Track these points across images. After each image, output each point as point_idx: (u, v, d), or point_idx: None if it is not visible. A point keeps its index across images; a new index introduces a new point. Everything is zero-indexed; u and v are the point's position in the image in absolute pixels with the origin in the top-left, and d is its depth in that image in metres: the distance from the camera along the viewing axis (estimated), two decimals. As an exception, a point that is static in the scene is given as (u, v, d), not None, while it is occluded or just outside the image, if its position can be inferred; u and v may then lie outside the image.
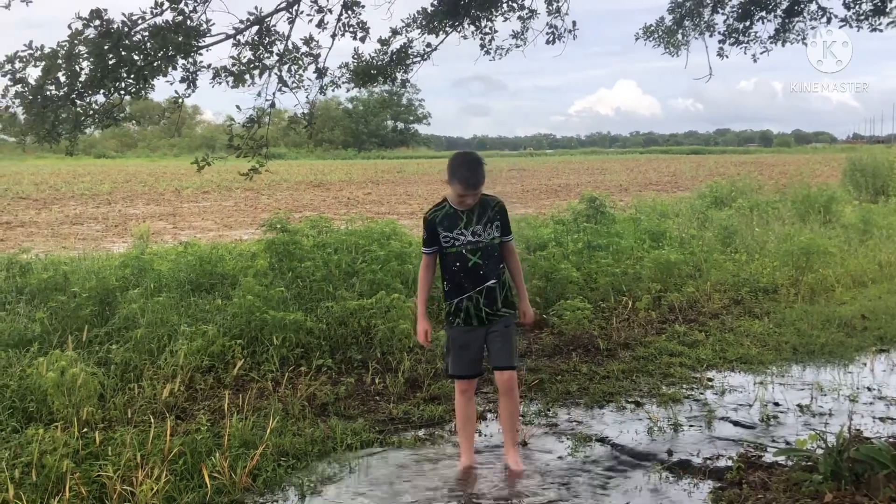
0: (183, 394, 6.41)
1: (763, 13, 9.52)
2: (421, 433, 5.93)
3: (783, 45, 9.41)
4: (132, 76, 7.54)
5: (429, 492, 4.96)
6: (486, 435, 5.86)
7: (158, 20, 7.23)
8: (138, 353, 6.93)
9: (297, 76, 8.65)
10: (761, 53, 9.57)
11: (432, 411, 6.27)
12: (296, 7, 8.08)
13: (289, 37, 8.14)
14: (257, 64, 8.14)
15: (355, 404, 6.49)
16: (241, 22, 7.73)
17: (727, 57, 9.66)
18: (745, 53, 9.70)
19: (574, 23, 9.79)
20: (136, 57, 7.44)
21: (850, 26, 8.97)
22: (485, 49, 9.80)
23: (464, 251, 5.09)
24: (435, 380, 6.94)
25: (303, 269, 8.75)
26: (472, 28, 9.43)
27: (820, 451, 4.76)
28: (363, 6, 8.36)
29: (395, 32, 9.04)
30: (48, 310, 7.67)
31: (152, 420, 5.51)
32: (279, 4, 7.96)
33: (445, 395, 6.47)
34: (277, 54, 8.27)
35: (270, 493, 4.91)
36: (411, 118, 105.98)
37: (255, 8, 7.77)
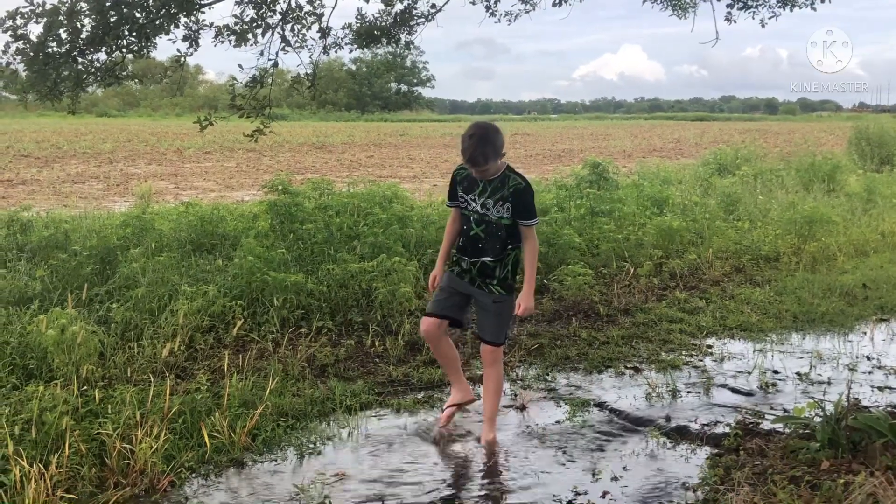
0: (183, 353, 6.42)
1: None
2: (420, 396, 5.94)
3: (791, 10, 9.30)
4: (134, 34, 7.49)
5: (425, 454, 4.99)
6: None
7: (160, -23, 7.16)
8: (139, 312, 6.92)
9: (300, 36, 8.59)
10: (769, 18, 9.47)
11: (432, 374, 6.28)
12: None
13: (292, -5, 8.07)
14: (260, 23, 8.08)
15: (355, 366, 6.50)
16: (244, -20, 7.64)
17: (735, 21, 9.56)
18: (754, 18, 9.60)
19: (581, -15, 9.66)
20: (137, 14, 7.38)
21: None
22: (490, 11, 9.70)
23: (471, 218, 5.02)
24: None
25: (304, 231, 8.73)
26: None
27: (818, 420, 4.77)
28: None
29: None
30: (49, 268, 7.67)
31: (152, 379, 5.52)
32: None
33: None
34: (280, 13, 8.21)
35: (269, 453, 4.93)
36: (415, 81, 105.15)
37: (258, -34, 7.68)
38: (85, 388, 5.32)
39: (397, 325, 7.33)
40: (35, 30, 7.05)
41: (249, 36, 7.99)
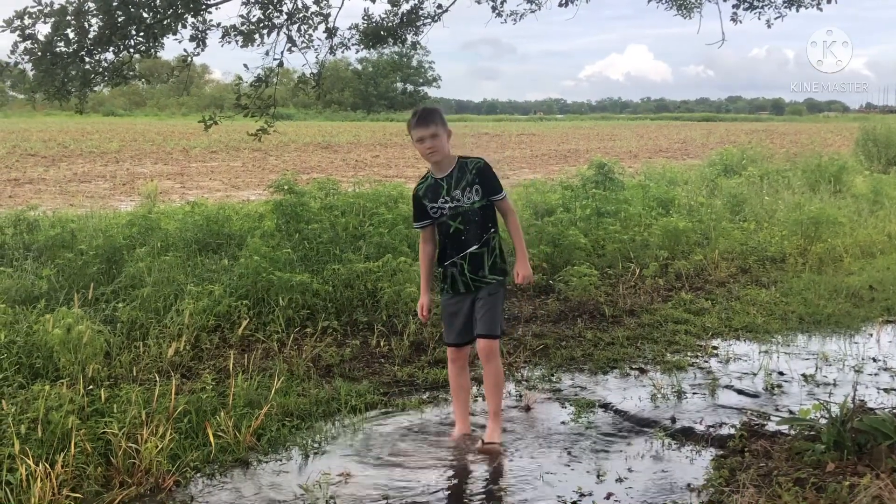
0: (188, 353, 6.43)
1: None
2: (425, 396, 5.95)
3: (797, 10, 9.29)
4: (141, 34, 7.50)
5: (430, 455, 4.99)
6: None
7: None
8: (144, 311, 6.95)
9: (307, 36, 8.61)
10: (775, 19, 9.47)
11: (436, 374, 6.29)
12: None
13: (298, -5, 8.08)
14: (266, 23, 8.09)
15: (360, 366, 6.51)
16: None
17: (741, 22, 9.56)
18: (759, 19, 9.60)
19: (587, -15, 9.66)
20: (145, 14, 7.41)
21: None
22: (496, 11, 9.70)
23: (446, 219, 5.01)
24: (440, 343, 6.94)
25: (310, 231, 8.74)
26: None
27: (823, 421, 4.76)
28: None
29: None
30: (55, 267, 7.70)
31: (158, 378, 5.53)
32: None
33: (450, 359, 6.48)
34: (287, 13, 8.22)
35: (274, 453, 4.94)
36: (421, 81, 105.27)
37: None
38: (91, 387, 5.32)
39: (402, 325, 7.34)
40: (43, 30, 7.07)
41: (256, 36, 8.01)
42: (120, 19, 7.19)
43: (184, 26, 7.64)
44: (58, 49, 7.21)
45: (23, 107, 57.67)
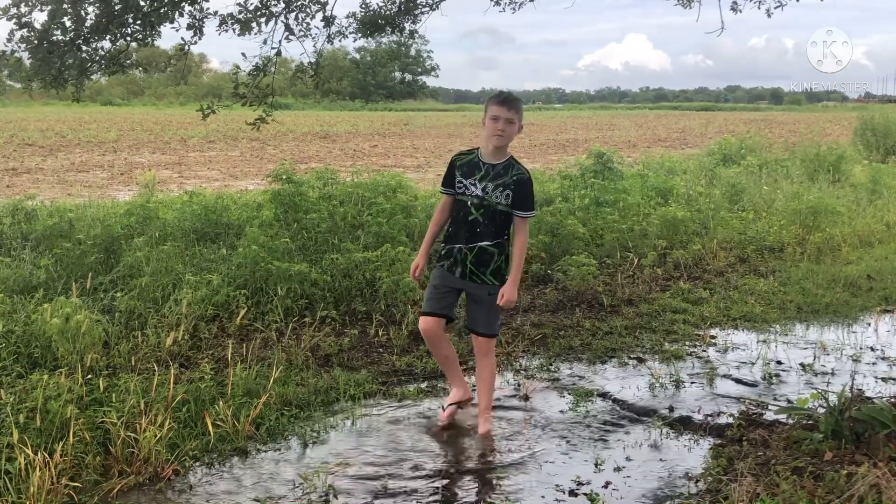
0: (187, 342, 6.42)
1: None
2: (423, 385, 5.95)
3: (797, 0, 9.25)
4: (138, 22, 7.48)
5: (428, 443, 5.00)
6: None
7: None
8: (143, 301, 6.94)
9: (304, 24, 8.58)
10: (775, 8, 9.42)
11: (435, 364, 6.27)
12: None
13: (296, -16, 8.05)
14: (264, 11, 8.06)
15: (359, 356, 6.51)
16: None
17: (741, 11, 9.52)
18: (759, 8, 9.55)
19: (586, -26, 9.64)
20: (142, 2, 7.38)
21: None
22: (495, 0, 9.67)
23: (469, 203, 5.01)
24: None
25: (308, 221, 8.73)
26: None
27: (821, 410, 4.77)
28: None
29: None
30: (53, 256, 7.68)
31: (156, 368, 5.53)
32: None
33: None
34: (284, 2, 8.18)
35: (273, 442, 4.94)
36: (419, 70, 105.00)
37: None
38: (89, 376, 5.31)
39: (401, 314, 7.33)
40: (40, 17, 7.05)
41: (253, 25, 7.98)
42: (117, 7, 7.17)
43: (181, 14, 7.61)
44: (54, 37, 7.18)
45: (20, 96, 57.44)
